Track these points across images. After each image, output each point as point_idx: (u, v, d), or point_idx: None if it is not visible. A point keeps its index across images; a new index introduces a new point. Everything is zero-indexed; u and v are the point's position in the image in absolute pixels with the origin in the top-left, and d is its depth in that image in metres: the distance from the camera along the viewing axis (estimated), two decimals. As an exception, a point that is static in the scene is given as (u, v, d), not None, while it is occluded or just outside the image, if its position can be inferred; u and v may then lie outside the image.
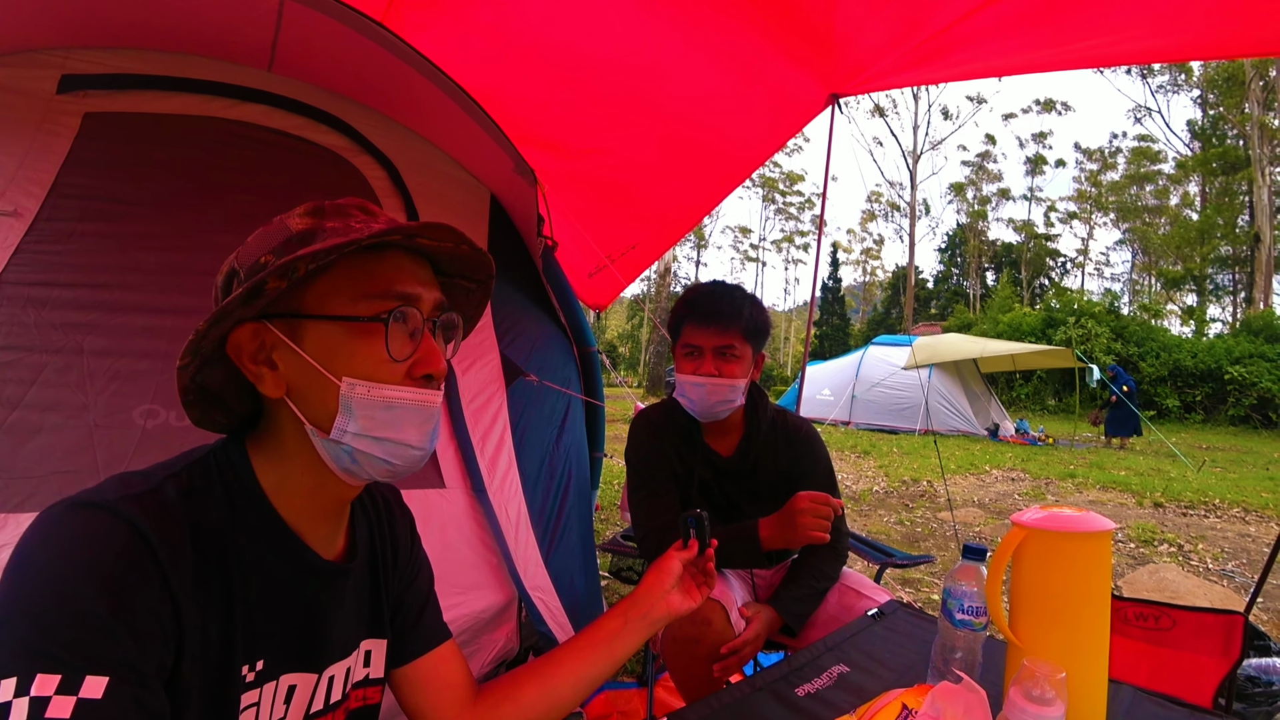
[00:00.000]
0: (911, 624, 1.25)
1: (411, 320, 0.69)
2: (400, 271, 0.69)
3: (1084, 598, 0.84)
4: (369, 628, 0.82)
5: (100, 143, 1.87)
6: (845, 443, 9.71)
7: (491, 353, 2.27)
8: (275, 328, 0.67)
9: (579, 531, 2.26)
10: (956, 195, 42.73)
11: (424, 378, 0.70)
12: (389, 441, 0.68)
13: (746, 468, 1.57)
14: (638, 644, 0.95)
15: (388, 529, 0.87)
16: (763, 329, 1.51)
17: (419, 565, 0.93)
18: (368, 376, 0.66)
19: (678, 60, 2.10)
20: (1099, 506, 5.78)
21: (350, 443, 0.67)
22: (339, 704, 0.78)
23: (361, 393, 0.66)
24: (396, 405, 0.68)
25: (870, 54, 1.95)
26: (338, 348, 0.66)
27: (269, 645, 0.68)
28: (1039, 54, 1.84)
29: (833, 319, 40.04)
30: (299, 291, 0.67)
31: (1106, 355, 17.62)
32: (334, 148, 2.20)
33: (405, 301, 0.68)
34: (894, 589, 3.23)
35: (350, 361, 0.66)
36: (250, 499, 0.68)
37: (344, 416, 0.66)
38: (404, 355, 0.68)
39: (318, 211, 0.70)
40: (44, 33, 1.82)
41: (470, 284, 0.81)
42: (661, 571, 0.98)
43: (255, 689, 0.67)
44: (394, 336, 0.67)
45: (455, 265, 0.76)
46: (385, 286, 0.68)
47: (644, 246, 3.26)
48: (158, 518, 0.60)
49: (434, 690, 0.88)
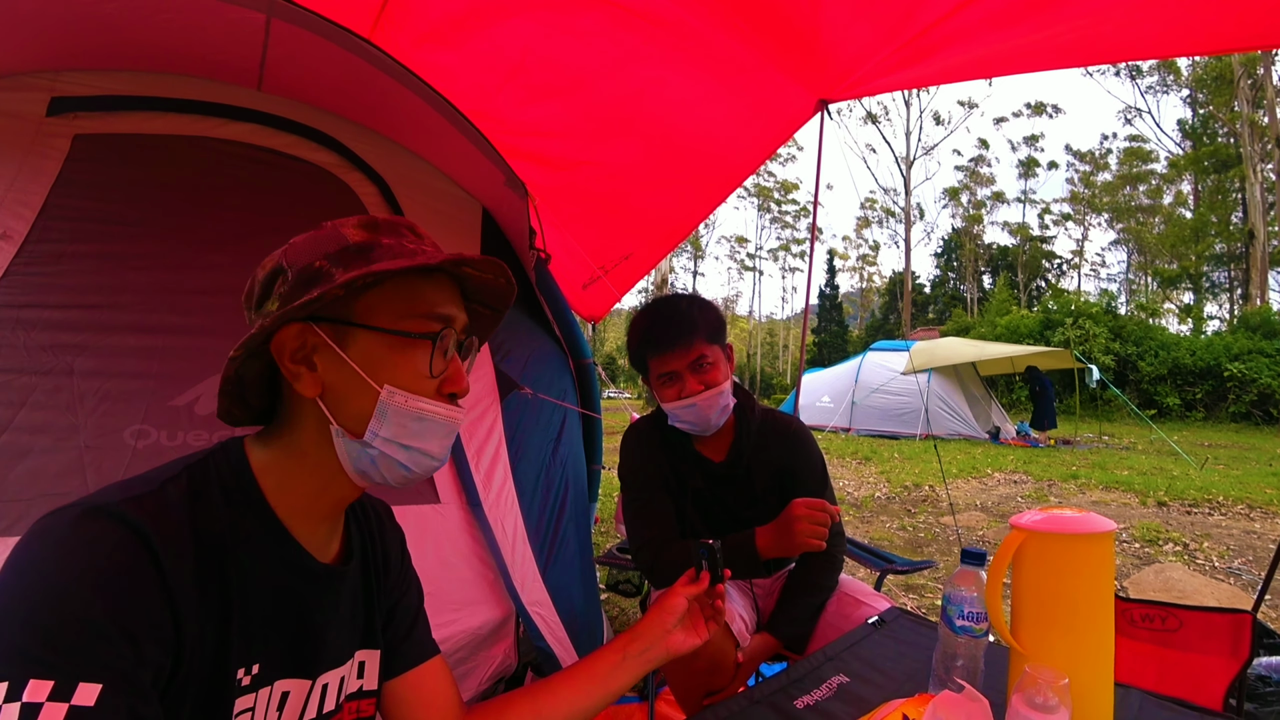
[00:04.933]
0: (913, 631, 1.23)
1: (447, 341, 0.74)
2: (443, 294, 0.74)
3: (1086, 601, 0.82)
4: (363, 637, 0.82)
5: (90, 164, 1.86)
6: (846, 449, 9.68)
7: (485, 366, 2.26)
8: (322, 330, 0.69)
9: (577, 545, 2.24)
10: (951, 200, 42.89)
11: (450, 395, 0.75)
12: (414, 450, 0.71)
13: (740, 471, 1.55)
14: (634, 679, 0.94)
15: (379, 540, 0.88)
16: (718, 326, 1.48)
17: (410, 580, 0.93)
18: (406, 387, 0.70)
19: (664, 71, 2.11)
20: (1102, 507, 5.76)
21: (379, 446, 0.70)
22: (332, 714, 0.77)
23: (400, 402, 0.70)
24: (428, 418, 0.72)
25: (856, 58, 1.95)
26: (382, 358, 0.70)
27: (265, 649, 0.69)
28: (1025, 52, 1.84)
29: (830, 326, 40.06)
30: (350, 301, 0.70)
31: (1105, 355, 17.62)
32: (325, 165, 2.20)
33: (446, 324, 0.73)
34: (896, 596, 3.21)
35: (392, 372, 0.70)
36: (248, 500, 0.69)
37: (378, 421, 0.69)
38: (439, 372, 0.73)
39: (372, 226, 0.73)
40: (32, 56, 1.82)
41: (487, 310, 0.85)
42: (664, 610, 0.96)
43: (250, 694, 0.67)
44: (435, 355, 0.72)
45: (480, 294, 0.81)
46: (430, 308, 0.72)
47: (637, 257, 3.26)
48: (159, 520, 0.60)
49: (422, 706, 0.88)
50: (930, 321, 36.80)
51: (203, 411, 1.73)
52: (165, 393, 1.71)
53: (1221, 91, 26.88)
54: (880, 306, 45.37)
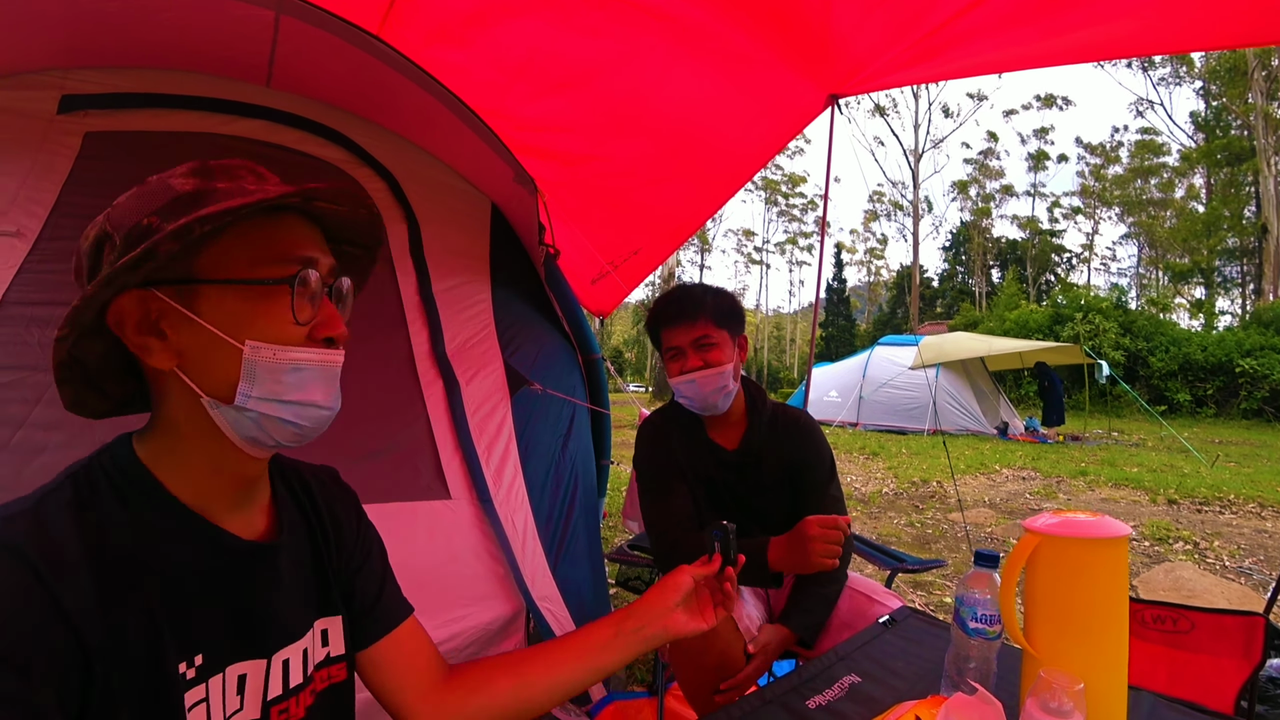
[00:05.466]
0: (924, 631, 1.23)
1: (313, 284, 0.68)
2: (299, 236, 0.69)
3: (1101, 605, 0.82)
4: (319, 607, 0.80)
5: (101, 161, 1.87)
6: (854, 444, 9.67)
7: (495, 362, 2.26)
8: (164, 294, 0.63)
9: (586, 540, 2.24)
10: (960, 193, 42.65)
11: (325, 340, 0.70)
12: (297, 404, 0.67)
13: (751, 460, 1.60)
14: (627, 659, 0.90)
15: (324, 507, 0.85)
16: (731, 312, 1.56)
17: (370, 543, 0.90)
18: (272, 339, 0.65)
19: (673, 65, 2.10)
20: (1112, 504, 5.73)
21: (256, 408, 0.65)
22: (302, 687, 0.76)
23: (267, 356, 0.65)
24: (303, 367, 0.67)
25: (868, 53, 1.94)
26: (239, 313, 0.64)
27: (205, 638, 0.66)
28: (1037, 47, 1.82)
29: (838, 320, 39.97)
30: (190, 256, 0.64)
31: (1115, 350, 17.50)
32: (333, 160, 2.21)
33: (306, 265, 0.68)
34: (905, 593, 3.20)
35: (253, 326, 0.64)
36: (145, 492, 0.65)
37: (248, 382, 0.64)
38: (307, 319, 0.68)
39: (203, 171, 0.67)
40: (43, 54, 1.83)
41: (357, 250, 0.80)
42: (667, 587, 0.91)
43: (199, 684, 0.65)
44: (297, 300, 0.66)
45: (344, 231, 0.76)
46: (286, 250, 0.67)
47: (646, 252, 3.25)
48: (38, 537, 0.56)
49: (400, 670, 0.85)
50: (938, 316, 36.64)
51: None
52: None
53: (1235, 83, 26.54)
54: (888, 301, 45.16)
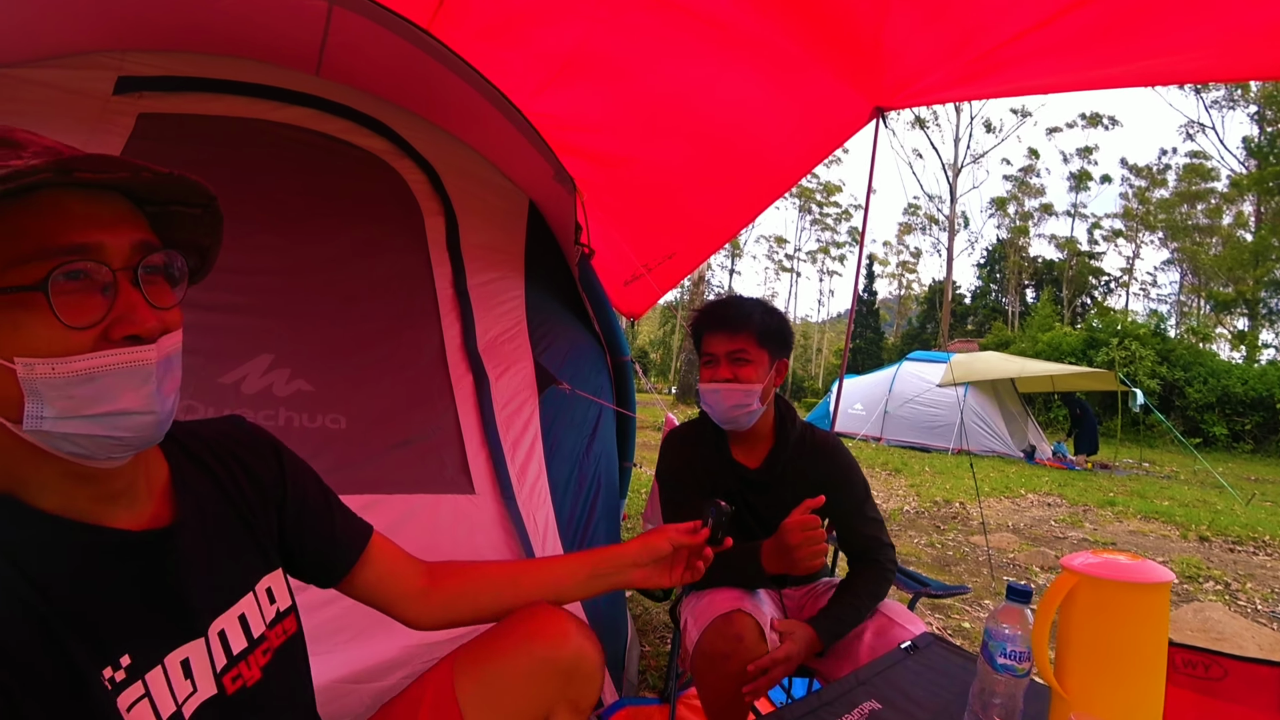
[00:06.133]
0: (947, 660, 1.20)
1: (96, 275, 0.57)
2: (63, 218, 0.56)
3: (1139, 652, 0.80)
4: (261, 566, 0.80)
5: (153, 142, 1.91)
6: (876, 459, 9.55)
7: (525, 360, 2.27)
8: None
9: (607, 541, 2.24)
10: (998, 209, 41.87)
11: (128, 339, 0.59)
12: (107, 416, 0.57)
13: (774, 480, 1.58)
14: (591, 595, 0.99)
15: (233, 462, 0.80)
16: (777, 334, 1.54)
17: (302, 479, 0.87)
18: (48, 352, 0.55)
19: (720, 71, 2.09)
20: (1140, 537, 5.59)
21: (55, 429, 0.56)
22: (251, 649, 0.76)
23: (45, 372, 0.55)
24: (99, 375, 0.57)
25: (918, 69, 1.90)
26: (1, 326, 0.54)
27: (123, 638, 0.63)
28: (1094, 73, 1.78)
29: (866, 332, 39.53)
30: None
31: (1151, 379, 17.07)
32: (376, 151, 2.23)
33: (75, 255, 0.56)
34: (922, 614, 3.15)
35: (17, 339, 0.54)
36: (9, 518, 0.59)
37: (34, 403, 0.55)
38: (90, 320, 0.57)
39: None
40: (101, 36, 1.88)
41: (192, 209, 0.68)
42: (643, 545, 0.99)
43: (133, 684, 0.63)
44: (69, 301, 0.56)
45: (160, 192, 0.64)
46: (40, 242, 0.55)
47: (681, 256, 3.24)
48: None
49: (382, 587, 0.90)
50: (969, 333, 36.03)
51: (249, 391, 1.77)
52: (213, 370, 1.75)
53: (1293, 110, 25.73)
54: (918, 315, 44.53)
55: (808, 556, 1.29)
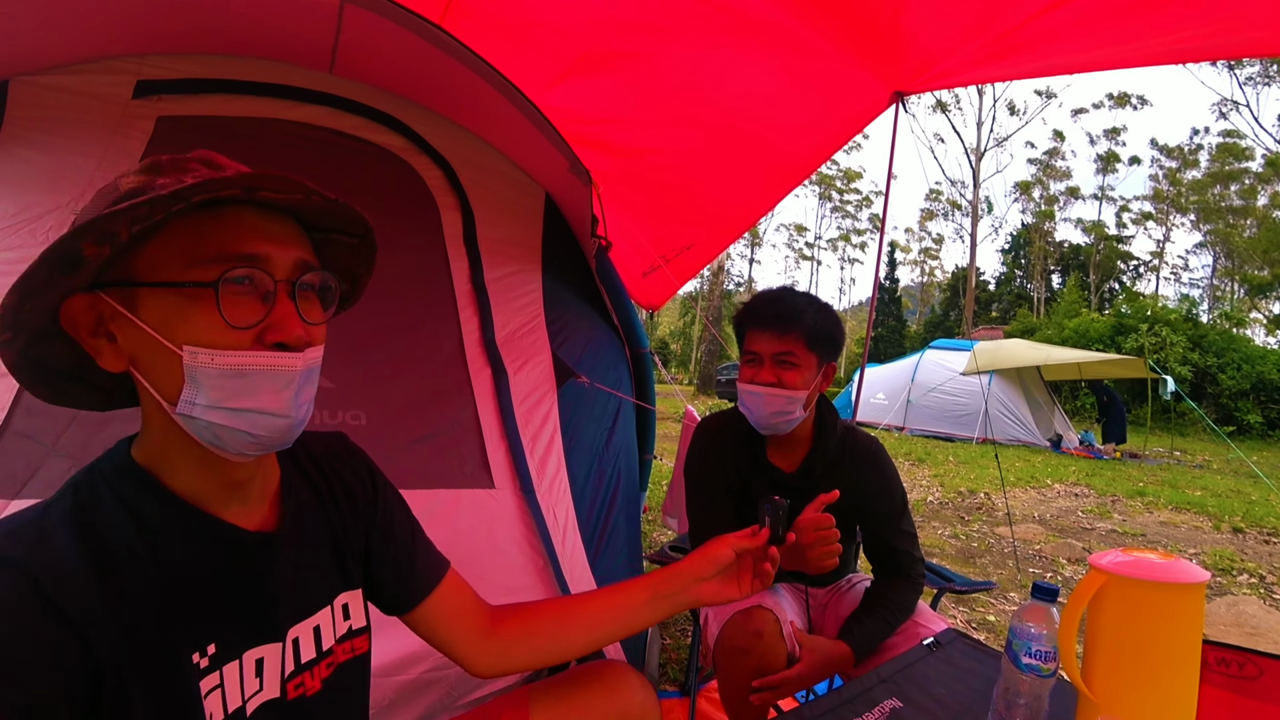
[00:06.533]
0: (969, 657, 1.18)
1: (260, 283, 0.64)
2: (241, 230, 0.64)
3: (1171, 654, 0.77)
4: (338, 582, 0.82)
5: (172, 145, 1.93)
6: (899, 449, 9.46)
7: (544, 353, 2.27)
8: (109, 297, 0.63)
9: (627, 535, 2.24)
10: (1022, 194, 41.06)
11: (277, 345, 0.65)
12: (247, 412, 0.63)
13: (810, 485, 1.47)
14: (658, 619, 0.95)
15: (334, 478, 0.84)
16: (829, 337, 1.41)
17: (391, 505, 0.90)
18: (210, 343, 0.61)
19: (734, 58, 2.06)
20: (1171, 528, 5.47)
21: (202, 415, 0.62)
22: (317, 660, 0.78)
23: (205, 361, 0.61)
24: (249, 372, 0.63)
25: (938, 51, 1.86)
26: (175, 314, 0.62)
27: (214, 628, 0.67)
28: (1118, 50, 1.72)
29: (888, 320, 39.07)
30: (129, 257, 0.62)
31: (1182, 366, 16.66)
32: (392, 147, 2.24)
33: (246, 263, 0.63)
34: (947, 609, 3.11)
35: (189, 329, 0.61)
36: (142, 491, 0.65)
37: (190, 388, 0.62)
38: (249, 321, 0.63)
39: (153, 168, 0.64)
40: (120, 41, 1.91)
41: (351, 239, 0.76)
42: (704, 557, 0.94)
43: (213, 672, 0.67)
44: (234, 302, 0.62)
45: (325, 220, 0.72)
46: (220, 248, 0.63)
47: (699, 247, 3.22)
48: (39, 548, 0.58)
49: (449, 623, 0.90)
50: (993, 320, 35.47)
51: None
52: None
53: (1333, 86, 24.83)
54: (941, 302, 43.92)
55: (820, 557, 1.24)
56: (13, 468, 1.50)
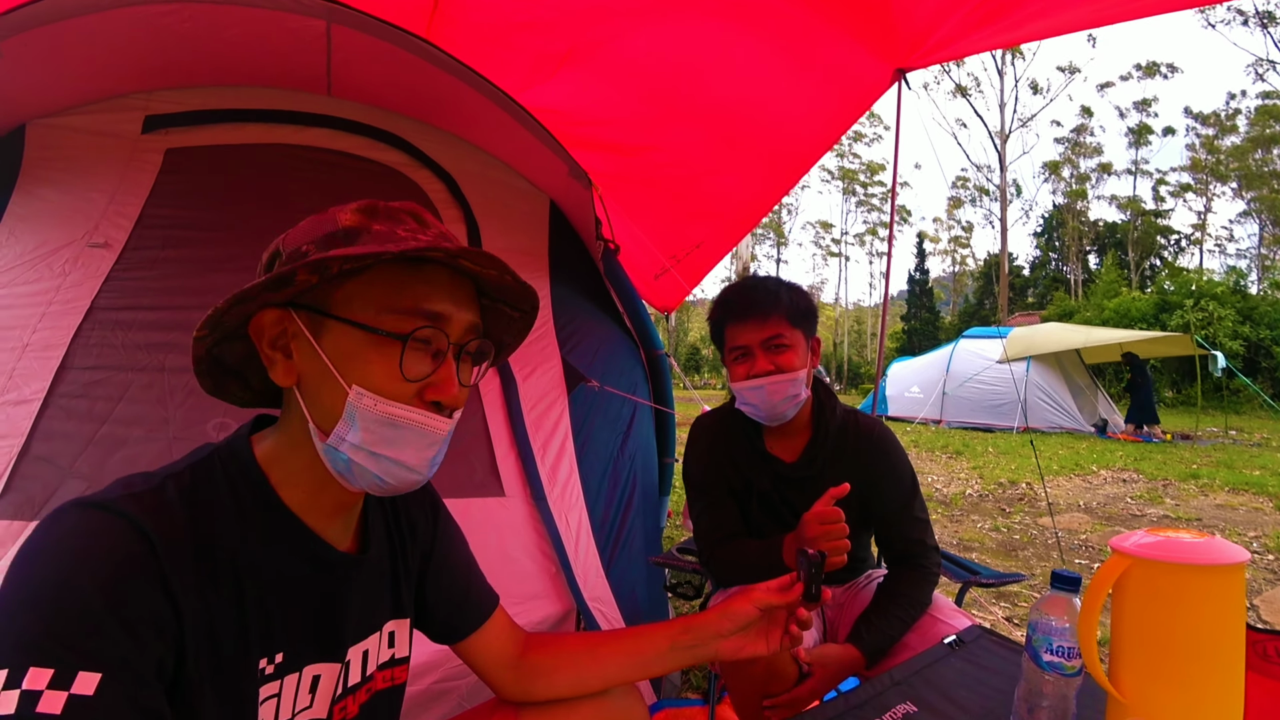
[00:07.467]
0: (995, 656, 1.11)
1: (435, 342, 0.67)
2: (435, 289, 0.67)
3: (1208, 648, 0.69)
4: (391, 610, 0.83)
5: (181, 175, 1.99)
6: (936, 442, 9.22)
7: (553, 359, 2.25)
8: (299, 318, 0.66)
9: (643, 541, 2.20)
10: (1051, 174, 39.97)
11: (433, 404, 0.68)
12: (386, 459, 0.66)
13: (813, 474, 1.43)
14: (677, 669, 0.94)
15: (401, 508, 0.86)
16: (806, 312, 1.40)
17: (451, 537, 0.92)
18: (377, 390, 0.65)
19: (727, 47, 2.02)
20: (1228, 511, 5.22)
21: (348, 452, 0.65)
22: (360, 685, 0.78)
23: (368, 405, 0.64)
24: (402, 425, 0.66)
25: (932, 19, 1.78)
26: (354, 354, 0.65)
27: (287, 638, 0.69)
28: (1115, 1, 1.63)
29: (921, 312, 38.31)
30: (329, 288, 0.66)
31: (1233, 340, 15.98)
32: (393, 164, 2.25)
33: (432, 322, 0.66)
34: (984, 606, 2.99)
35: (363, 371, 0.65)
36: (256, 494, 0.67)
37: (346, 424, 0.65)
38: (418, 376, 0.66)
39: (369, 211, 0.68)
40: (128, 79, 1.97)
41: (514, 312, 0.79)
42: (725, 614, 0.90)
43: (275, 681, 0.68)
44: (412, 356, 0.66)
45: (501, 292, 0.75)
46: (414, 303, 0.66)
47: (710, 245, 3.18)
48: (157, 517, 0.59)
49: (494, 654, 0.92)
50: (1030, 306, 34.55)
51: (278, 407, 1.80)
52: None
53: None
54: (974, 291, 42.89)
55: (829, 551, 1.16)
56: (31, 491, 1.54)
